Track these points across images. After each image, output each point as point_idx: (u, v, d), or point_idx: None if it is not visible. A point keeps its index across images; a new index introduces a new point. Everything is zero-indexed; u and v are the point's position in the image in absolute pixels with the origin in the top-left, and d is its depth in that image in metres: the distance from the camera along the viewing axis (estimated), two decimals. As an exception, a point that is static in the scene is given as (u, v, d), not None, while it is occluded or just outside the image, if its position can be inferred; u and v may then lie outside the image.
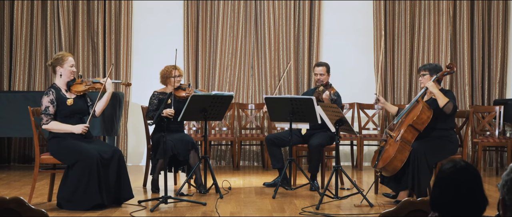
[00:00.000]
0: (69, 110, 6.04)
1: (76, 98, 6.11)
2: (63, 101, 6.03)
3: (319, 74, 7.23)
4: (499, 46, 9.37)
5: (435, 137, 6.26)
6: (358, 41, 9.47)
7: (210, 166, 6.68)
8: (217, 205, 6.08)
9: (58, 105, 6.02)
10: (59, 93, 6.06)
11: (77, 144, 5.93)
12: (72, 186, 5.85)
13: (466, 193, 2.14)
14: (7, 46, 9.22)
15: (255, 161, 9.42)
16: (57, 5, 9.17)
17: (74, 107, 6.07)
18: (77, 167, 5.84)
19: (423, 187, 6.10)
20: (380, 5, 9.33)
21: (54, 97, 6.01)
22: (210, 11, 9.30)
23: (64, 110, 6.03)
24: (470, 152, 9.17)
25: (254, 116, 9.21)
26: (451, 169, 2.19)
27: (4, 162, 9.25)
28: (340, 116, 6.25)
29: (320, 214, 5.78)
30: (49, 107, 5.98)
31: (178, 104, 6.77)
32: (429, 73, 6.35)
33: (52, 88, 6.09)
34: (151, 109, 6.92)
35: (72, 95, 6.12)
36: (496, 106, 8.71)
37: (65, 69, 6.10)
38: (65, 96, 6.07)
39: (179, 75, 6.90)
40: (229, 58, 9.30)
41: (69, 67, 6.11)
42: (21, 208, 2.78)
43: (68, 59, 6.11)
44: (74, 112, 6.07)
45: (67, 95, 6.10)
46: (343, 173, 7.14)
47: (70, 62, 6.12)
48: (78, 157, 5.85)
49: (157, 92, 6.98)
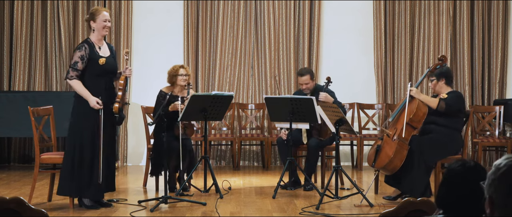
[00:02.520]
0: (100, 69, 5.85)
1: (108, 57, 5.92)
2: (95, 59, 5.84)
3: (304, 84, 7.17)
4: (499, 46, 9.36)
5: (436, 134, 6.24)
6: (358, 41, 9.47)
7: (210, 166, 6.68)
8: (217, 205, 6.08)
9: (89, 62, 5.82)
10: (92, 50, 5.85)
11: (87, 136, 5.84)
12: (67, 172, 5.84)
13: (473, 193, 2.15)
14: (7, 46, 9.22)
15: (255, 161, 9.42)
16: (57, 5, 9.16)
17: (106, 66, 5.87)
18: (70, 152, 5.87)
19: (419, 190, 6.08)
20: (380, 5, 9.33)
21: (86, 54, 5.80)
22: (210, 11, 9.30)
23: (95, 68, 5.83)
24: (470, 152, 9.17)
25: (254, 116, 9.21)
26: (460, 168, 2.20)
27: (4, 162, 9.25)
28: (340, 116, 6.25)
29: (320, 214, 5.78)
30: (78, 62, 5.79)
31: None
32: (437, 79, 6.35)
33: (85, 43, 5.87)
34: (158, 108, 6.81)
35: (105, 53, 5.93)
36: (496, 106, 8.70)
37: (98, 23, 5.88)
38: (98, 54, 5.86)
39: (186, 74, 6.88)
40: (229, 58, 9.30)
41: (102, 21, 5.88)
42: (21, 208, 2.78)
43: (101, 13, 5.90)
44: (106, 71, 5.88)
45: (100, 52, 5.90)
46: (343, 173, 7.14)
47: (103, 17, 5.88)
48: (77, 142, 5.83)
49: (164, 92, 6.94)
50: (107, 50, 6.02)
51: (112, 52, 6.06)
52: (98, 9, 5.99)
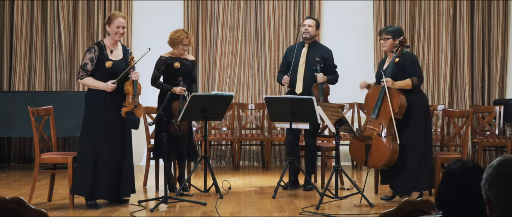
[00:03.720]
0: (107, 72, 5.99)
1: (118, 60, 6.06)
2: (102, 62, 5.99)
3: (307, 25, 7.17)
4: (499, 46, 9.36)
5: (413, 120, 6.23)
6: (358, 41, 9.47)
7: (210, 166, 6.68)
8: (217, 205, 6.08)
9: (98, 64, 5.98)
10: (101, 52, 6.02)
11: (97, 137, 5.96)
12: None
13: (472, 193, 2.15)
14: (7, 46, 9.21)
15: (255, 161, 9.42)
16: (57, 5, 9.16)
17: (112, 69, 6.00)
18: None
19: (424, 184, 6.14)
20: (380, 5, 9.33)
21: (95, 56, 5.99)
22: (210, 11, 9.30)
23: (102, 71, 5.99)
24: (470, 152, 9.17)
25: (254, 116, 9.20)
26: (459, 169, 2.20)
27: (4, 162, 9.24)
28: (340, 116, 6.25)
29: (320, 214, 5.78)
30: (87, 64, 5.98)
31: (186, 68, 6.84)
32: (392, 37, 6.32)
33: (96, 45, 6.08)
34: (157, 75, 6.86)
35: (117, 56, 6.07)
36: (496, 106, 8.70)
37: (112, 28, 6.05)
38: (106, 57, 6.02)
39: (188, 44, 6.89)
40: (229, 58, 9.30)
41: (115, 27, 6.04)
42: (21, 208, 2.78)
43: (117, 19, 6.05)
44: (112, 74, 5.99)
45: (111, 55, 6.05)
46: (343, 173, 7.14)
47: (118, 23, 6.04)
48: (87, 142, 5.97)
49: (164, 57, 6.93)
50: (121, 53, 6.13)
51: (125, 56, 6.16)
52: (115, 14, 6.15)
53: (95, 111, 6.00)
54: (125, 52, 6.17)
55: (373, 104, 6.34)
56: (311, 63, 7.08)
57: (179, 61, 6.83)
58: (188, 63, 6.91)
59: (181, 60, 6.84)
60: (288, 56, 7.27)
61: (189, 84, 6.83)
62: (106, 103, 5.98)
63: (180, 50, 6.83)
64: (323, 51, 7.23)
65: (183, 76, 6.74)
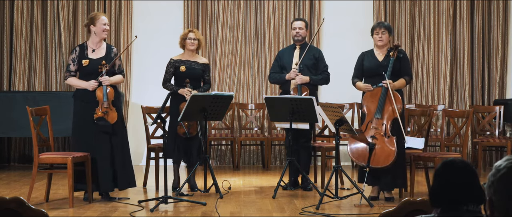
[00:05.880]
0: (83, 70, 6.26)
1: (96, 59, 6.26)
2: (80, 61, 6.24)
3: (297, 27, 7.22)
4: (499, 46, 9.36)
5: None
6: (358, 41, 9.45)
7: (210, 166, 6.68)
8: (217, 205, 6.08)
9: (79, 63, 6.26)
10: (82, 52, 6.28)
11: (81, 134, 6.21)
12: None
13: (463, 187, 2.17)
14: (7, 46, 9.22)
15: (255, 161, 9.42)
16: (57, 5, 9.16)
17: (88, 67, 6.24)
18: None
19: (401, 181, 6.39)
20: (380, 5, 9.33)
21: (76, 56, 6.27)
22: (210, 11, 9.30)
23: (81, 69, 6.27)
24: (470, 152, 9.17)
25: (254, 116, 9.20)
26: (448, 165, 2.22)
27: (4, 162, 9.25)
28: (340, 116, 6.25)
29: (320, 214, 5.78)
30: (70, 65, 6.29)
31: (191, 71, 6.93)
32: (388, 33, 6.55)
33: (78, 46, 6.36)
34: (167, 78, 6.97)
35: (98, 55, 6.28)
36: (496, 106, 8.70)
37: (98, 27, 6.26)
38: (86, 56, 6.26)
39: (194, 38, 6.93)
40: (229, 58, 9.30)
41: (101, 25, 6.27)
42: (21, 208, 2.78)
43: (100, 18, 6.29)
44: (87, 72, 6.24)
45: (91, 54, 6.28)
46: (343, 173, 7.14)
47: (102, 21, 6.28)
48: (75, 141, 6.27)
49: (173, 60, 7.00)
50: (103, 52, 6.33)
51: (108, 54, 6.35)
52: (97, 14, 6.41)
53: (84, 109, 6.23)
54: (108, 50, 6.37)
55: (373, 104, 6.41)
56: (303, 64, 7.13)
57: (186, 64, 6.91)
58: (197, 66, 6.95)
59: (188, 64, 6.92)
60: (281, 58, 7.31)
61: (197, 86, 6.87)
62: (93, 101, 6.21)
63: (189, 46, 6.92)
64: (314, 51, 7.27)
65: (190, 79, 6.80)
